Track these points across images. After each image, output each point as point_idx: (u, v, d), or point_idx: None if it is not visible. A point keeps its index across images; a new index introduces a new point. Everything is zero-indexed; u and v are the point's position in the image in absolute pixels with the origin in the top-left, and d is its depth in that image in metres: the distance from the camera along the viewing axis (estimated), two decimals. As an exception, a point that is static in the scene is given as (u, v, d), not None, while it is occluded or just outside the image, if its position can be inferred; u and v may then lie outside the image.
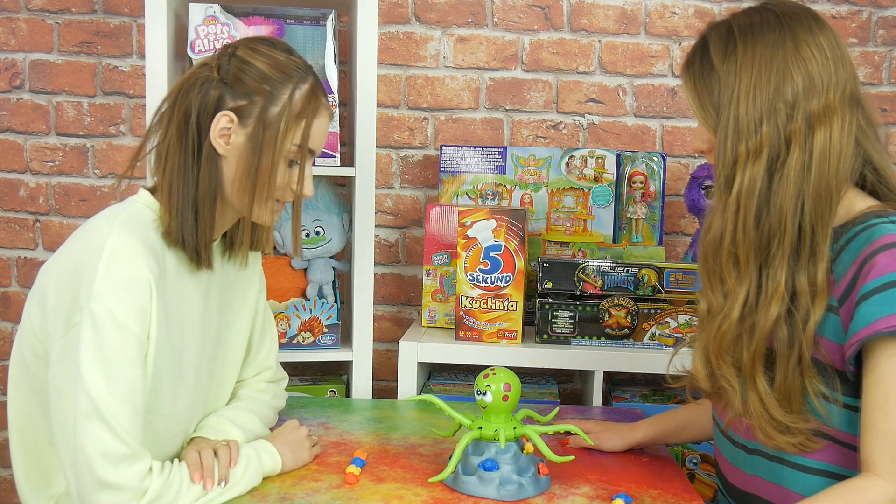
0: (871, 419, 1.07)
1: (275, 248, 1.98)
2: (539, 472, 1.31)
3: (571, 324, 1.80)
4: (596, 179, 1.99)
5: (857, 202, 1.17)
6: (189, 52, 1.72)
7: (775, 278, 1.14)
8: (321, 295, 1.90)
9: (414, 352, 1.79)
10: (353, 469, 1.32)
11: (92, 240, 1.17)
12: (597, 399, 1.80)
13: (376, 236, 2.22)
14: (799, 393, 1.14)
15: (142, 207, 1.25)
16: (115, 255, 1.14)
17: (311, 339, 1.85)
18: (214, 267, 1.32)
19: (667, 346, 1.77)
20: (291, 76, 1.26)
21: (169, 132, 1.25)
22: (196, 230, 1.24)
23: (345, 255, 2.02)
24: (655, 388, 1.98)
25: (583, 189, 1.99)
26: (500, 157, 2.01)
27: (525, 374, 1.95)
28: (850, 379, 1.12)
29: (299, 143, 1.26)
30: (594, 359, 1.77)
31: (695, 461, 1.83)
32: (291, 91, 1.25)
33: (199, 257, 1.26)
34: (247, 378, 1.49)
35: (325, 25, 1.77)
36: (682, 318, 1.76)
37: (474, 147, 2.01)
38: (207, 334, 1.35)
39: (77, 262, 1.16)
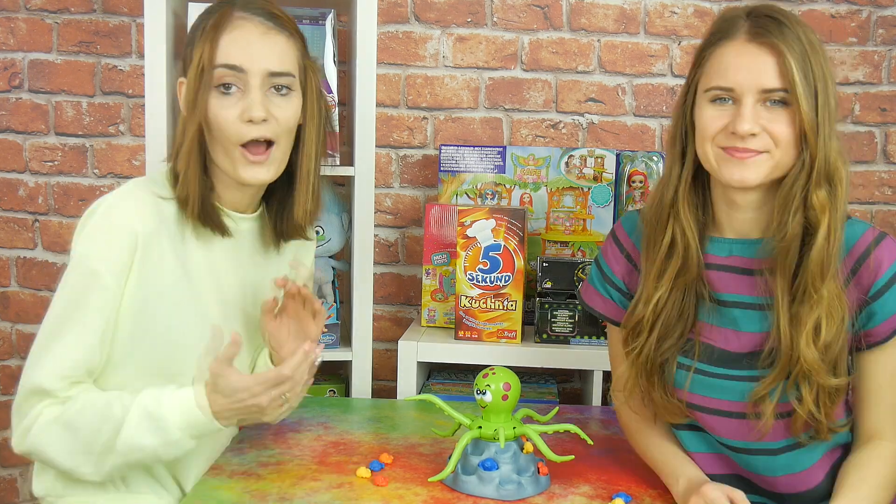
0: (878, 393, 1.20)
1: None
2: (539, 472, 1.31)
3: (571, 323, 1.80)
4: (595, 179, 1.99)
5: None
6: (188, 52, 1.72)
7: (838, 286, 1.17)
8: (321, 294, 1.90)
9: (413, 351, 1.79)
10: (364, 472, 1.33)
11: (111, 191, 1.23)
12: (596, 399, 1.80)
13: (376, 236, 2.22)
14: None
15: (168, 172, 1.27)
16: (111, 204, 1.19)
17: (311, 338, 1.84)
18: (253, 247, 1.34)
19: (666, 345, 1.77)
20: (208, 16, 1.23)
21: None
22: (187, 189, 1.22)
23: (344, 254, 2.02)
24: (655, 388, 1.98)
25: (582, 188, 1.99)
26: (499, 156, 2.01)
27: (524, 374, 1.94)
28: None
29: (208, 63, 1.18)
30: (594, 358, 1.77)
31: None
32: (205, 25, 1.22)
33: (198, 215, 1.24)
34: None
35: (324, 25, 1.77)
36: (681, 318, 1.76)
37: (474, 146, 2.01)
38: (238, 311, 1.36)
39: (91, 208, 1.21)
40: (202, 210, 1.24)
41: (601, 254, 1.40)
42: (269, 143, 1.24)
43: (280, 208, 1.36)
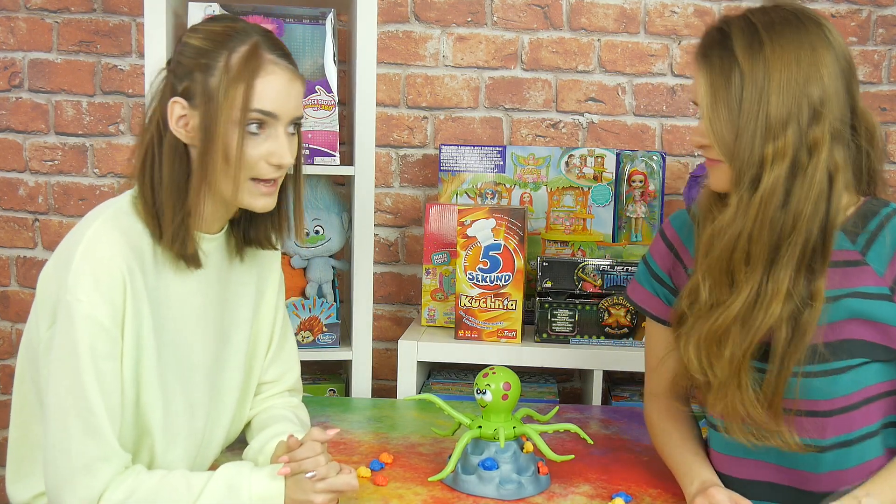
0: None
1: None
2: (539, 471, 1.31)
3: (571, 323, 1.80)
4: (595, 178, 1.99)
5: (844, 198, 1.20)
6: (188, 52, 1.72)
7: (778, 279, 1.15)
8: (321, 294, 1.90)
9: (413, 351, 1.79)
10: (364, 471, 1.32)
11: (77, 233, 1.18)
12: (596, 398, 1.80)
13: (376, 235, 2.22)
14: (780, 394, 1.17)
15: (134, 199, 1.24)
16: (89, 248, 1.14)
17: (311, 338, 1.85)
18: (219, 263, 1.31)
19: (666, 345, 1.76)
20: (226, 42, 1.20)
21: (145, 134, 1.24)
22: (172, 226, 1.21)
23: (344, 254, 2.02)
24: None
25: (582, 188, 1.99)
26: (499, 156, 2.01)
27: (524, 374, 1.95)
28: None
29: (242, 106, 1.18)
30: (594, 358, 1.77)
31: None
32: (227, 56, 1.19)
33: (175, 251, 1.22)
34: (269, 380, 1.46)
35: (324, 24, 1.77)
36: (681, 317, 1.76)
37: (474, 146, 2.01)
38: (220, 331, 1.34)
39: (63, 254, 1.18)
40: (190, 247, 1.23)
41: (649, 252, 1.42)
42: None
43: (252, 222, 1.35)
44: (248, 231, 1.36)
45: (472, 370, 1.99)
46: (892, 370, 1.19)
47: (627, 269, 1.78)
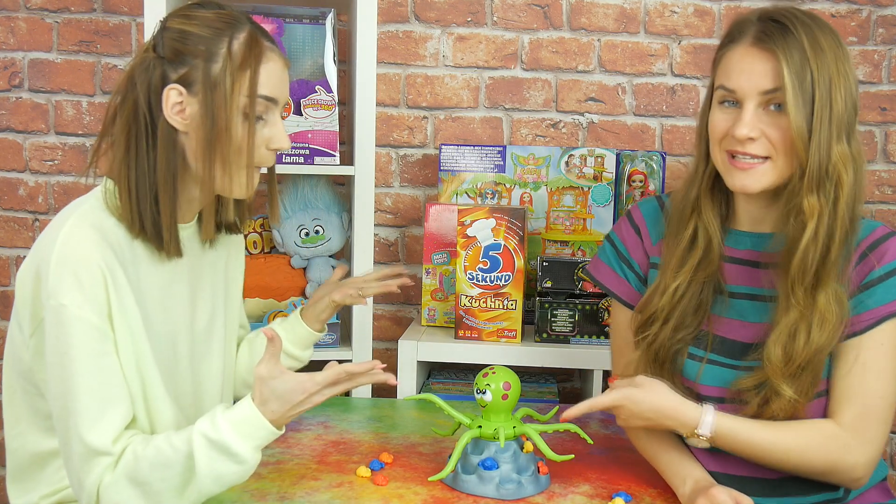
0: (846, 381, 1.20)
1: (273, 247, 1.98)
2: (539, 471, 1.31)
3: (571, 323, 1.80)
4: (595, 178, 1.99)
5: None
6: (188, 51, 1.72)
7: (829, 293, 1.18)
8: (321, 294, 1.90)
9: (413, 351, 1.79)
10: (364, 471, 1.32)
11: (50, 233, 1.18)
12: (596, 398, 1.80)
13: (376, 235, 2.22)
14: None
15: (106, 195, 1.23)
16: (65, 248, 1.14)
17: (311, 338, 1.84)
18: (192, 251, 1.30)
19: (666, 344, 1.76)
20: (224, 29, 1.21)
21: (117, 123, 1.23)
22: (158, 217, 1.20)
23: (344, 254, 2.02)
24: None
25: (582, 188, 1.99)
26: (499, 155, 2.01)
27: (524, 373, 1.95)
28: None
29: (248, 93, 1.19)
30: (594, 358, 1.77)
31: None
32: (228, 43, 1.20)
33: (162, 243, 1.22)
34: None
35: (324, 24, 1.77)
36: (681, 317, 1.76)
37: (474, 146, 2.01)
38: (197, 320, 1.34)
39: (38, 256, 1.17)
40: (170, 237, 1.22)
41: (615, 233, 1.42)
42: None
43: (222, 208, 1.35)
44: (217, 217, 1.34)
45: (472, 370, 1.99)
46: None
47: (627, 269, 1.78)
